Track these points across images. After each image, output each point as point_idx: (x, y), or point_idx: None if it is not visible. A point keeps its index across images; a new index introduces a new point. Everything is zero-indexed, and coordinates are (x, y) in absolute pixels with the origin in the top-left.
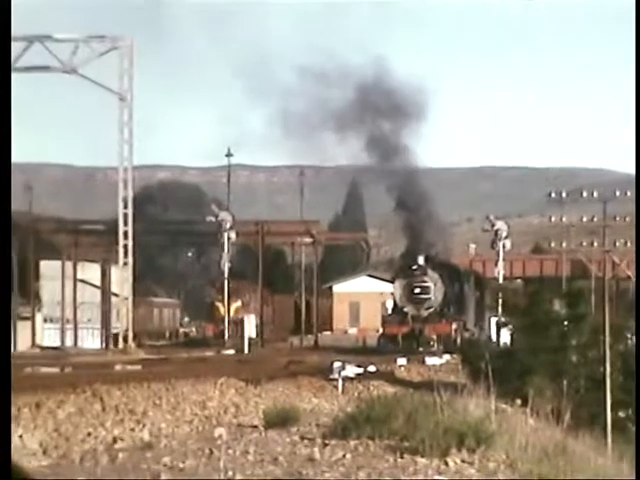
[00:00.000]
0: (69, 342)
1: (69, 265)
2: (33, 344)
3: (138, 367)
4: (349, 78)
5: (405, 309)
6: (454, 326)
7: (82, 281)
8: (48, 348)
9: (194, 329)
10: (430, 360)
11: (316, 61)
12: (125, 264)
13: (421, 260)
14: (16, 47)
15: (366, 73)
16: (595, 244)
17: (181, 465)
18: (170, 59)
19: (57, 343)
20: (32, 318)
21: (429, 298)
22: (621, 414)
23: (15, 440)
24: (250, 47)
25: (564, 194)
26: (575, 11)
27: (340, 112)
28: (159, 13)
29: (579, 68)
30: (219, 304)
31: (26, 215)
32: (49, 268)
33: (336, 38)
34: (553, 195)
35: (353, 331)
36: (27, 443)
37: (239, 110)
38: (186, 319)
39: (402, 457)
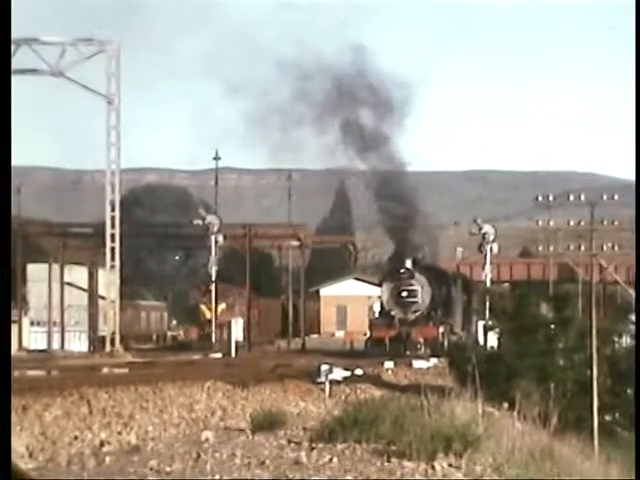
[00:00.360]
0: (56, 345)
1: (56, 268)
2: (20, 347)
3: (125, 370)
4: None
5: (392, 312)
6: (441, 329)
7: (69, 284)
8: (35, 351)
9: (181, 332)
10: (417, 363)
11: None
12: (112, 267)
13: (408, 263)
14: None
15: (348, 70)
16: (582, 248)
17: (168, 468)
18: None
19: (44, 346)
20: (19, 321)
21: (416, 301)
22: (608, 417)
23: None
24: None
25: (551, 198)
26: (566, 14)
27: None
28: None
29: (570, 71)
30: (203, 307)
31: (14, 218)
32: (36, 271)
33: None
34: (540, 199)
35: (340, 334)
36: (14, 446)
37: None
38: (174, 322)
39: (389, 461)
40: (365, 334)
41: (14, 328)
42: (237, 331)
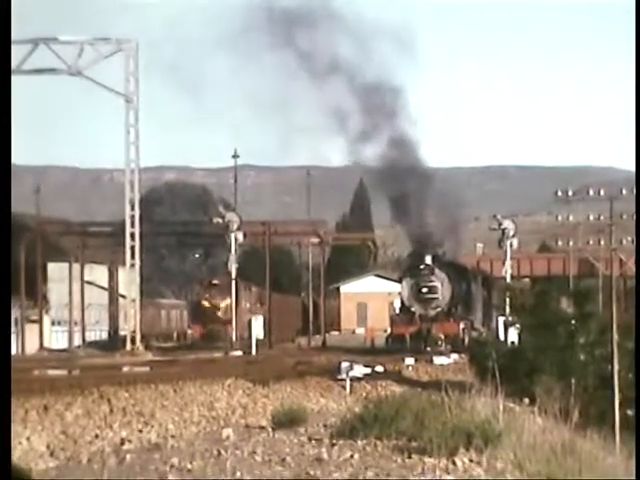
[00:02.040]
0: (77, 344)
1: (77, 267)
2: (41, 347)
3: (146, 369)
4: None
5: (413, 309)
6: (462, 325)
7: (89, 283)
8: (56, 350)
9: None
10: (438, 360)
11: None
12: (132, 266)
13: (428, 260)
14: (22, 49)
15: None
16: (602, 242)
17: (189, 466)
18: None
19: (65, 345)
20: (40, 321)
21: (437, 297)
22: (629, 412)
23: (23, 442)
24: None
25: (571, 193)
26: (584, 8)
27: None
28: None
29: (589, 65)
30: (206, 303)
31: (34, 217)
32: (57, 270)
33: None
34: (560, 194)
35: (361, 331)
36: (35, 445)
37: None
38: None
39: (410, 457)
40: (385, 331)
41: (35, 328)
42: (258, 329)
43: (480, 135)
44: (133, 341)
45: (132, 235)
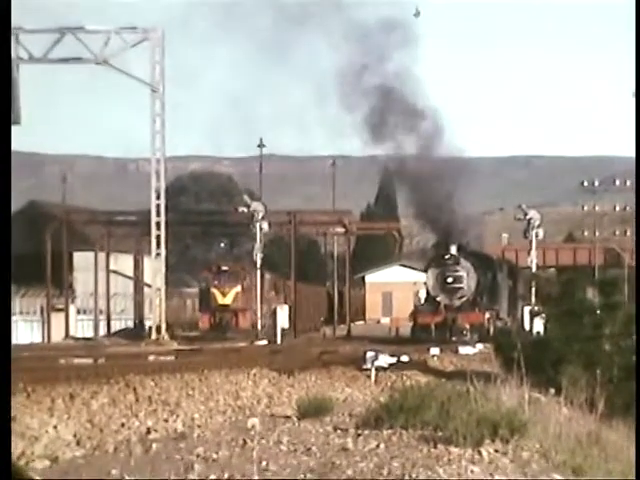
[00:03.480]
0: (102, 333)
1: (102, 256)
2: (67, 335)
3: (171, 358)
4: None
5: (438, 298)
6: (487, 315)
7: (115, 272)
8: (81, 339)
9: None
10: (463, 349)
11: None
12: (158, 255)
13: (454, 249)
14: (48, 38)
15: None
16: (628, 233)
17: (214, 455)
18: None
19: (90, 334)
20: (66, 309)
21: (462, 287)
22: None
23: (50, 431)
24: None
25: (596, 183)
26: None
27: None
28: None
29: (618, 54)
30: (215, 291)
31: (59, 207)
32: (82, 259)
33: None
34: (586, 184)
35: (386, 321)
36: (61, 434)
37: None
38: None
39: (435, 447)
40: (410, 320)
41: (61, 317)
42: (283, 318)
43: (505, 125)
44: (158, 330)
45: (157, 224)
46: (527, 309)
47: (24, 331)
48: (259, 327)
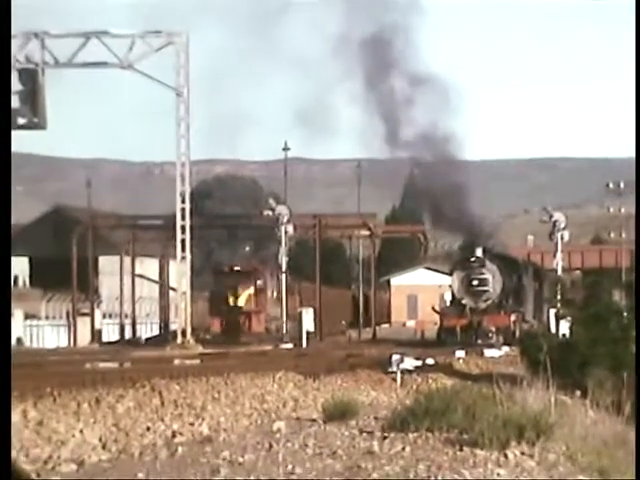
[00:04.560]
0: (128, 337)
1: (127, 260)
2: (92, 339)
3: (197, 362)
4: None
5: (463, 301)
6: (513, 318)
7: (140, 276)
8: (107, 343)
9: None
10: (489, 352)
11: None
12: (183, 259)
13: (479, 252)
14: (73, 43)
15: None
16: None
17: (240, 459)
18: None
19: (116, 338)
20: (91, 314)
21: (487, 290)
22: None
23: (76, 435)
24: None
25: (622, 185)
26: None
27: None
28: None
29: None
30: (227, 292)
31: (85, 211)
32: (108, 264)
33: None
34: (611, 186)
35: (411, 324)
36: (87, 438)
37: None
38: None
39: (461, 450)
40: (436, 323)
41: (87, 321)
42: (308, 321)
43: (529, 127)
44: (184, 334)
45: (183, 228)
46: (553, 311)
47: (50, 335)
48: (284, 331)
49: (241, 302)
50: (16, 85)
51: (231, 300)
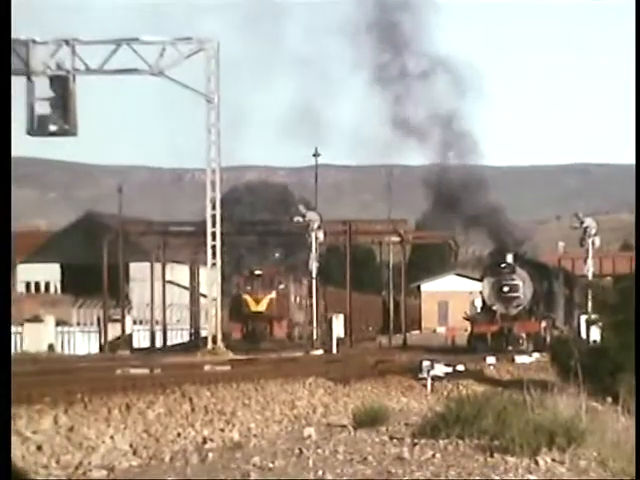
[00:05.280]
0: (158, 343)
1: (158, 267)
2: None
3: (227, 368)
4: None
5: (494, 308)
6: (543, 324)
7: (171, 282)
8: (138, 350)
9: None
10: (519, 358)
11: None
12: (213, 265)
13: (510, 258)
14: (104, 50)
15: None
16: None
17: (270, 465)
18: None
19: (146, 344)
20: (122, 320)
21: (518, 296)
22: None
23: (106, 441)
24: None
25: None
26: None
27: None
28: None
29: None
30: (248, 297)
31: (116, 217)
32: (138, 270)
33: None
34: None
35: (442, 330)
36: (118, 444)
37: None
38: None
39: (492, 456)
40: (466, 330)
41: (118, 327)
42: (339, 328)
43: (563, 132)
44: (214, 340)
45: (213, 234)
46: (584, 317)
47: (81, 342)
48: (314, 337)
49: (262, 307)
50: (47, 92)
51: (252, 305)
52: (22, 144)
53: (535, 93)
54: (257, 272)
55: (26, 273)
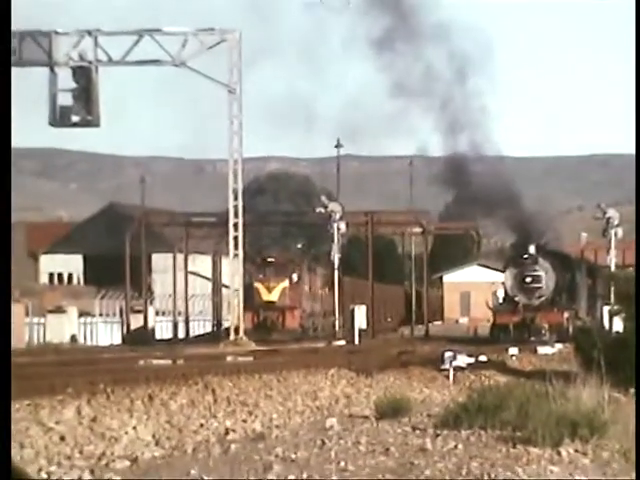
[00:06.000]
0: (181, 334)
1: (180, 257)
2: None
3: (249, 359)
4: None
5: (516, 298)
6: (566, 315)
7: (193, 273)
8: (160, 341)
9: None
10: (542, 349)
11: None
12: (235, 256)
13: (532, 249)
14: (127, 41)
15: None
16: None
17: (293, 456)
18: None
19: (169, 335)
20: (144, 311)
21: (540, 287)
22: None
23: (129, 431)
24: None
25: None
26: None
27: None
28: None
29: None
30: (260, 285)
31: (138, 208)
32: (161, 261)
33: None
34: None
35: (464, 321)
36: (140, 434)
37: None
38: None
39: (515, 447)
40: (489, 320)
41: (140, 318)
42: (361, 319)
43: (584, 124)
44: (237, 331)
45: (235, 225)
46: (606, 308)
47: (104, 333)
48: (336, 328)
49: (275, 296)
50: (70, 83)
51: (264, 294)
52: (45, 135)
53: (554, 86)
54: (270, 259)
55: (49, 264)
